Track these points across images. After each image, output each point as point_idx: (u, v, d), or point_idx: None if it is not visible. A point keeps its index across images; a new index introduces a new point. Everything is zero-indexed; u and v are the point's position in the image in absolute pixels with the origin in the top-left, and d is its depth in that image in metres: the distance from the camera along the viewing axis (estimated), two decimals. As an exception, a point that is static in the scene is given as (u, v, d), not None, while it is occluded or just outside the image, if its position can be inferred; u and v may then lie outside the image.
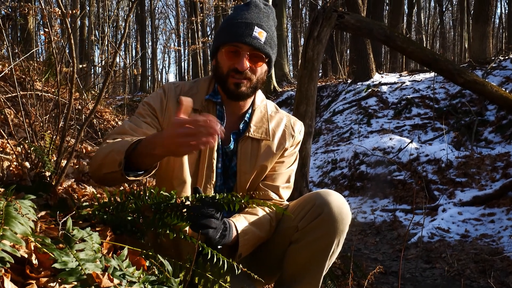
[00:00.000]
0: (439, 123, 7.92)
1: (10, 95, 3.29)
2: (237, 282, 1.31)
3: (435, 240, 4.31)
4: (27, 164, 1.98)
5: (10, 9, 6.76)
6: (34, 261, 0.92)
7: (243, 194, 1.22)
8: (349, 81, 11.47)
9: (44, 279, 0.90)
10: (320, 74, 14.84)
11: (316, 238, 1.44)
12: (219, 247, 1.31)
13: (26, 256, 0.91)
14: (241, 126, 1.56)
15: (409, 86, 9.80)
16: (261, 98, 1.62)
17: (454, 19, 26.84)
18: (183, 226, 1.19)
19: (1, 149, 2.36)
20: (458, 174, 5.61)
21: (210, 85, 1.56)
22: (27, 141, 2.05)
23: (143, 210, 1.25)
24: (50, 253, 0.89)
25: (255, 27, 1.43)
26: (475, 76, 4.05)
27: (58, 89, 2.16)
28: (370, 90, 10.04)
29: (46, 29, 3.08)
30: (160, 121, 1.49)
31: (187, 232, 1.21)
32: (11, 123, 2.50)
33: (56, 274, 0.88)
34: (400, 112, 9.01)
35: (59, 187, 1.88)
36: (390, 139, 7.03)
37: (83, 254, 0.93)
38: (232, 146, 1.54)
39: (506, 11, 20.10)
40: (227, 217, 1.43)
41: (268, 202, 1.54)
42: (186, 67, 29.45)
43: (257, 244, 1.51)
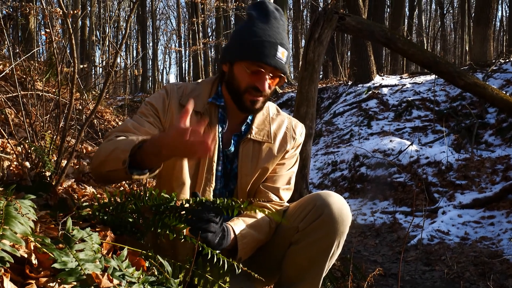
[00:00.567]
0: (440, 126, 7.91)
1: (11, 95, 3.29)
2: (237, 283, 1.31)
3: (435, 243, 4.30)
4: (27, 164, 1.98)
5: (12, 9, 6.77)
6: (34, 261, 0.92)
7: (243, 200, 1.22)
8: (350, 83, 11.47)
9: (44, 279, 0.90)
10: (321, 76, 14.84)
11: (317, 239, 1.44)
12: (218, 252, 1.31)
13: (26, 256, 0.91)
14: (243, 128, 1.56)
15: (410, 89, 9.80)
16: None
17: (455, 22, 26.86)
18: (182, 228, 1.20)
19: (2, 149, 2.36)
20: (458, 177, 5.60)
21: (213, 87, 1.56)
22: (28, 141, 2.05)
23: (143, 212, 1.25)
24: (50, 253, 0.89)
25: (279, 47, 1.42)
26: (476, 79, 4.05)
27: (59, 89, 2.16)
28: (371, 92, 10.04)
29: (47, 29, 3.08)
30: (162, 122, 1.49)
31: (186, 233, 1.21)
32: (12, 123, 2.50)
33: (56, 274, 0.88)
34: (401, 114, 9.00)
35: (59, 187, 1.88)
36: (391, 141, 7.02)
37: (83, 254, 0.93)
38: (233, 149, 1.54)
39: (507, 14, 20.13)
40: (227, 220, 1.42)
41: (268, 205, 1.54)
42: (187, 68, 29.51)
43: (257, 247, 1.51)
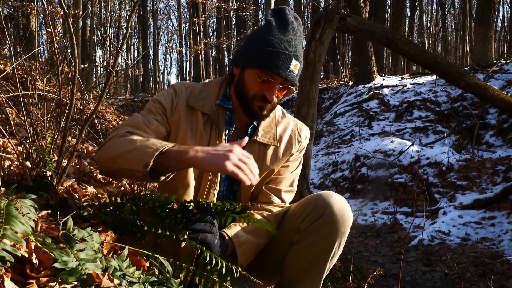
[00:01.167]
0: (440, 126, 7.91)
1: (12, 95, 3.29)
2: (237, 284, 1.31)
3: (436, 243, 4.30)
4: (28, 164, 1.98)
5: (13, 9, 6.78)
6: (35, 261, 0.92)
7: (241, 204, 1.26)
8: (351, 84, 11.46)
9: (44, 279, 0.90)
10: (322, 76, 14.82)
11: (318, 240, 1.44)
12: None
13: (27, 256, 0.91)
14: (249, 130, 1.56)
15: (411, 89, 9.80)
16: None
17: (456, 22, 26.84)
18: (180, 229, 1.21)
19: (3, 149, 2.36)
20: (459, 177, 5.59)
21: (221, 89, 1.55)
22: (29, 141, 2.06)
23: (143, 214, 1.26)
24: (51, 253, 0.89)
25: (293, 60, 1.40)
26: (477, 80, 4.04)
27: (60, 89, 2.16)
28: (372, 93, 10.03)
29: (48, 29, 3.09)
30: (169, 121, 1.48)
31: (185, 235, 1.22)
32: (13, 123, 2.50)
33: (56, 274, 0.88)
34: (402, 115, 9.00)
35: (60, 187, 1.88)
36: (391, 142, 7.02)
37: (84, 254, 0.93)
38: None
39: (508, 15, 20.12)
40: (223, 227, 1.43)
41: (269, 207, 1.55)
42: (188, 68, 29.51)
43: (257, 251, 1.51)
